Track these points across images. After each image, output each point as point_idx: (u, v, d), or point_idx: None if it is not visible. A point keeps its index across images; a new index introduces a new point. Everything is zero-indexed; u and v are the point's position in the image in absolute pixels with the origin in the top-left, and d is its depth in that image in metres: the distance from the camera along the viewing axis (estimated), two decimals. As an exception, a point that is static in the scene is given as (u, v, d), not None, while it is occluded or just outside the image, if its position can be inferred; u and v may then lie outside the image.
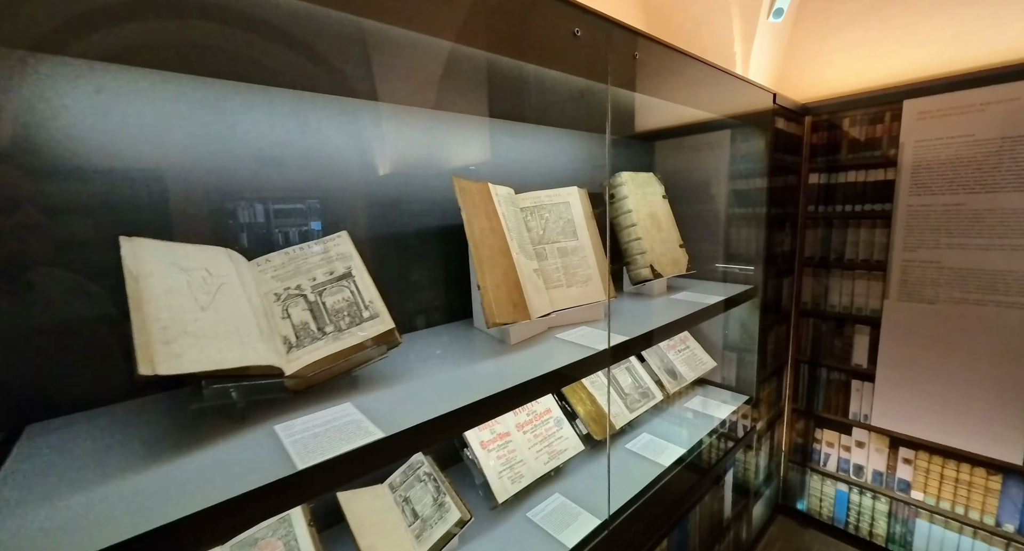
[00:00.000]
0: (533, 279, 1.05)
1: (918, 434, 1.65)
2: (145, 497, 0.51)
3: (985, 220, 1.44)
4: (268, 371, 0.66)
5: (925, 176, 1.54)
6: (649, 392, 1.50)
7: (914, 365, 1.62)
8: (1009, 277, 1.44)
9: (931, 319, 1.57)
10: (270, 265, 0.81)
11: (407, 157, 1.07)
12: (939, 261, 1.55)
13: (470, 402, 0.74)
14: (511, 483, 1.06)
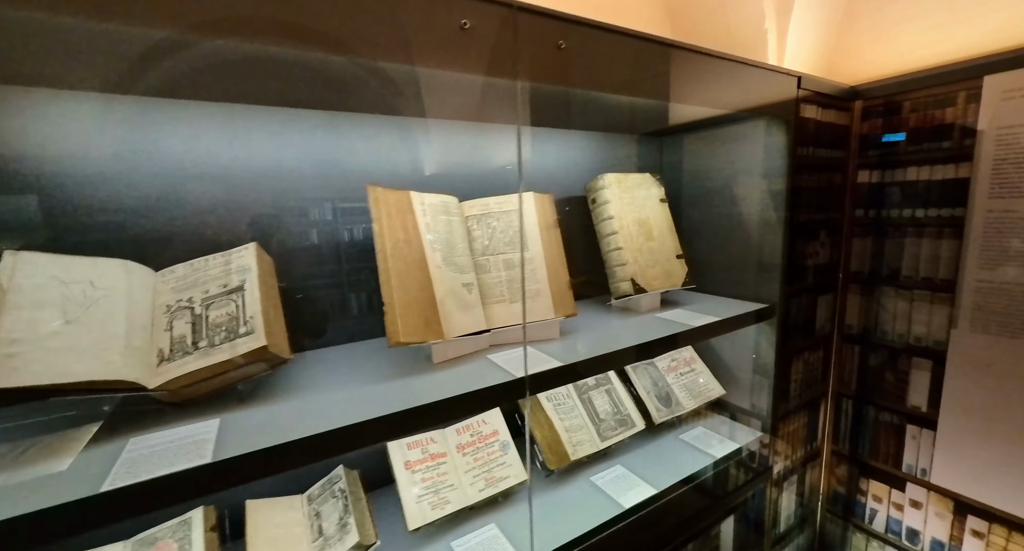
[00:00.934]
0: (460, 295, 0.98)
1: (994, 502, 1.30)
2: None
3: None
4: (120, 385, 0.67)
5: (1012, 173, 1.19)
6: (629, 420, 1.35)
7: (990, 413, 1.28)
8: None
9: (1014, 356, 1.21)
10: (173, 276, 0.83)
11: (342, 165, 1.06)
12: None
13: (330, 429, 0.70)
14: (431, 509, 1.00)
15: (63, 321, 0.67)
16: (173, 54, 0.68)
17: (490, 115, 1.17)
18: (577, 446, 1.22)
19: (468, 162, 1.24)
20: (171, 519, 0.86)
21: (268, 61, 0.73)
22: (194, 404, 0.78)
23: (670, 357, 1.57)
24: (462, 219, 1.08)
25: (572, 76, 0.86)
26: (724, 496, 1.34)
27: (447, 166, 1.20)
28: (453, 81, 0.85)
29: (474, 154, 1.25)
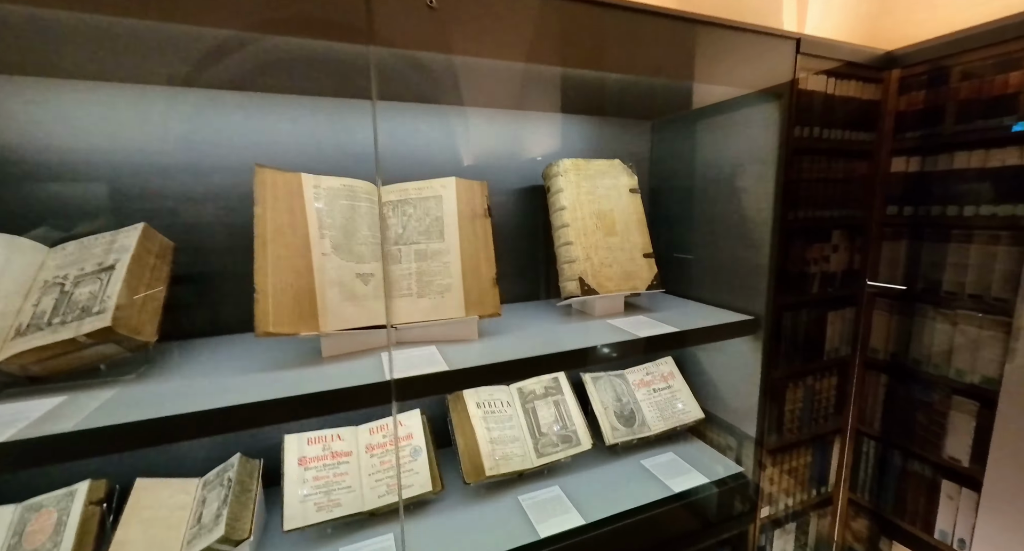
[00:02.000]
0: (351, 285, 0.91)
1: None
2: None
3: None
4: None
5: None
6: (574, 437, 1.20)
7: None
8: None
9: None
10: (63, 253, 0.85)
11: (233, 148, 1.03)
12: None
13: (161, 416, 0.67)
14: (316, 511, 0.95)
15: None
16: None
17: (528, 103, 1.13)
18: (502, 460, 1.10)
19: (497, 153, 1.18)
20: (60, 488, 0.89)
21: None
22: (51, 380, 0.78)
23: (644, 370, 1.39)
24: (372, 205, 1.00)
25: (476, 42, 0.75)
26: (680, 538, 1.14)
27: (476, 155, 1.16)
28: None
29: (509, 144, 1.20)
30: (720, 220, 1.26)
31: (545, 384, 1.28)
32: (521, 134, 1.32)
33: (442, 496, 1.10)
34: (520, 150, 1.32)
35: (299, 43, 0.75)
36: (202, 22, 0.65)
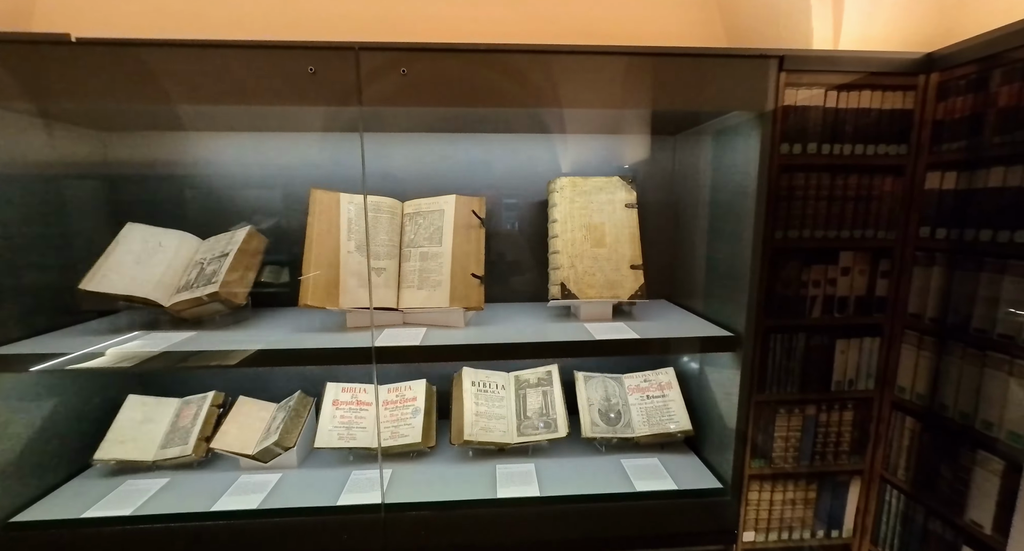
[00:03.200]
0: (362, 273, 1.23)
1: None
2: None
3: None
4: (146, 301, 1.18)
5: None
6: (553, 425, 1.35)
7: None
8: None
9: None
10: (207, 243, 1.34)
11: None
12: None
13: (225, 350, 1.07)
14: (337, 439, 1.30)
15: (135, 262, 1.22)
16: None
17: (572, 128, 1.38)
18: (482, 431, 1.32)
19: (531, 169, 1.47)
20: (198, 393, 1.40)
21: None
22: (190, 323, 1.26)
23: (643, 377, 1.45)
24: (393, 215, 1.31)
25: (437, 97, 0.99)
26: (644, 538, 1.20)
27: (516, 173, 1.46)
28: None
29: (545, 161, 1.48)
30: (719, 235, 1.27)
31: (539, 375, 1.44)
32: (557, 152, 1.50)
33: (434, 452, 1.36)
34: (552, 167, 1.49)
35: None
36: (271, 102, 1.00)
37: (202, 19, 1.37)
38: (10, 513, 1.11)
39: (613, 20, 1.50)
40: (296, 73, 0.96)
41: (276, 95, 0.98)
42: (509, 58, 0.99)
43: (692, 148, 1.43)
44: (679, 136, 1.50)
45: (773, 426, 1.18)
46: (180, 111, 1.18)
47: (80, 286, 1.15)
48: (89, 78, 0.95)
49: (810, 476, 1.22)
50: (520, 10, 1.46)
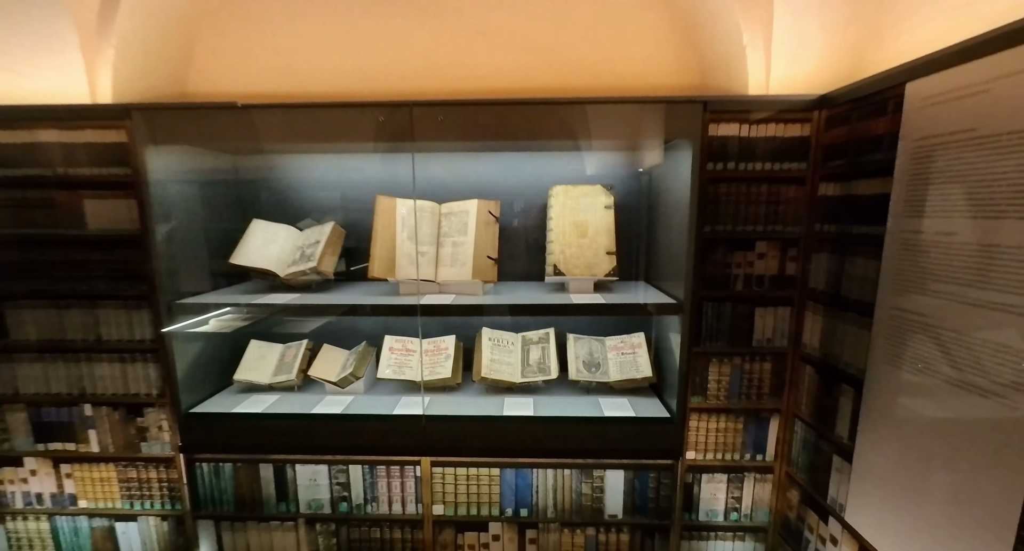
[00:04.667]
0: (412, 257, 1.74)
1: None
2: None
3: (988, 261, 0.95)
4: (268, 272, 1.75)
5: (920, 190, 1.09)
6: (547, 370, 1.81)
7: (896, 457, 1.18)
8: (980, 349, 0.91)
9: (926, 398, 1.10)
10: (303, 233, 1.90)
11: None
12: (926, 316, 1.07)
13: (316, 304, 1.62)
14: (392, 372, 1.82)
15: (261, 246, 1.79)
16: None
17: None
18: (495, 372, 1.80)
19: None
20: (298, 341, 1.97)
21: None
22: (296, 288, 1.82)
23: (620, 340, 1.88)
24: (433, 215, 1.81)
25: (463, 133, 1.48)
26: (603, 447, 1.64)
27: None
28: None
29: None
30: (671, 229, 1.68)
31: (539, 336, 1.91)
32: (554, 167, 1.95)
33: (460, 387, 1.86)
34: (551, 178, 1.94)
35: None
36: (356, 140, 1.52)
37: (303, 75, 1.92)
38: (189, 407, 1.71)
39: (610, 62, 1.92)
40: (371, 121, 1.48)
41: (359, 134, 1.50)
42: (511, 107, 1.46)
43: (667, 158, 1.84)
44: (647, 155, 1.90)
45: (707, 371, 1.59)
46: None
47: (230, 260, 1.73)
48: (244, 126, 1.51)
49: (738, 411, 1.62)
50: (537, 57, 1.90)
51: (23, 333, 1.64)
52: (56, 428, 1.70)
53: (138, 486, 1.73)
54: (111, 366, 1.65)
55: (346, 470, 1.69)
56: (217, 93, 1.97)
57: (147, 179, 1.52)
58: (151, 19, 1.72)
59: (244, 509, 1.73)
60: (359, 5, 1.87)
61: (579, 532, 1.71)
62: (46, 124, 1.51)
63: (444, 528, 1.72)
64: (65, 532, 1.78)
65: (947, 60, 1.01)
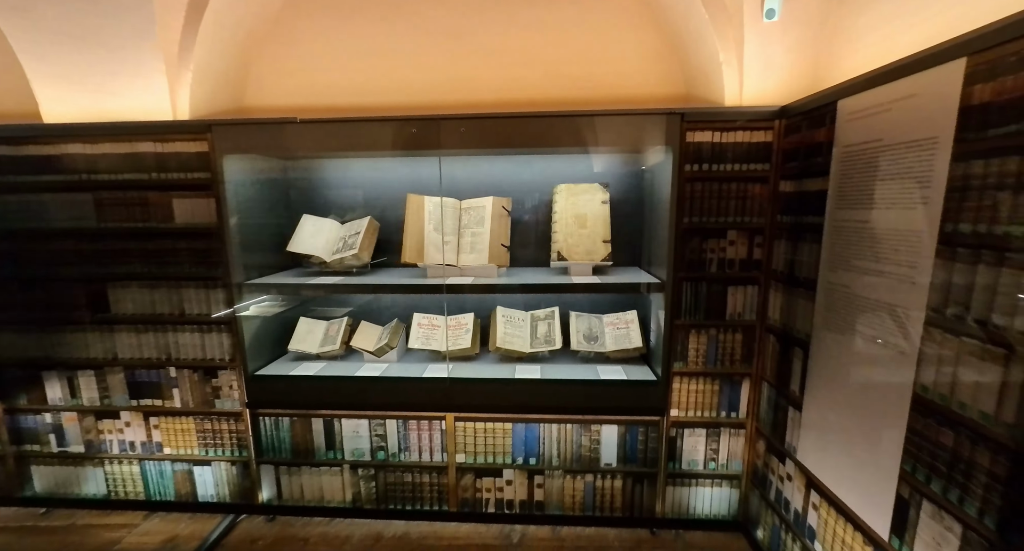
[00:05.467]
0: (438, 245, 2.06)
1: (825, 481, 1.48)
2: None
3: (880, 241, 1.22)
4: (317, 259, 2.09)
5: (847, 187, 1.36)
6: (552, 341, 2.12)
7: (833, 402, 1.46)
8: (884, 311, 1.19)
9: (849, 354, 1.36)
10: (345, 225, 2.23)
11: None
12: (848, 286, 1.35)
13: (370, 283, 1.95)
14: (421, 344, 2.15)
15: (310, 236, 2.13)
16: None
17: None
18: (508, 343, 2.11)
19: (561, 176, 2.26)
20: (340, 317, 2.31)
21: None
22: (339, 273, 2.15)
23: (615, 316, 2.18)
24: (456, 209, 2.13)
25: (482, 141, 1.79)
26: (599, 405, 1.94)
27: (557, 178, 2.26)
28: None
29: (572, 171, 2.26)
30: (658, 221, 1.96)
31: (546, 313, 2.21)
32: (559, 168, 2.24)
33: (478, 356, 2.18)
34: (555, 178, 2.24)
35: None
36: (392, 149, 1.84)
37: (341, 89, 2.25)
38: (253, 370, 2.06)
39: (606, 76, 2.20)
40: (405, 132, 1.79)
41: (393, 144, 1.82)
42: (521, 120, 1.76)
43: (647, 165, 2.12)
44: (638, 156, 2.18)
45: (687, 341, 1.88)
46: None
47: (288, 248, 2.07)
48: (297, 136, 1.84)
49: (714, 375, 1.90)
50: (542, 73, 2.19)
51: (122, 308, 2.00)
52: (146, 387, 2.06)
53: (212, 436, 2.09)
54: (192, 335, 2.00)
55: (383, 424, 2.02)
56: (269, 106, 2.31)
57: (223, 181, 1.86)
58: (218, 47, 2.06)
59: (298, 456, 2.07)
60: (387, 30, 2.19)
61: (579, 478, 2.01)
62: (144, 137, 1.86)
63: (465, 474, 2.04)
64: (152, 474, 2.15)
65: (864, 84, 1.28)
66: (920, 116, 1.09)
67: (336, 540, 2.04)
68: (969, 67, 0.98)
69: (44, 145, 1.89)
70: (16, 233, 1.95)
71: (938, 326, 1.05)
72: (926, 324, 1.08)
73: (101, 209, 1.91)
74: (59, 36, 1.86)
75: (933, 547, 1.06)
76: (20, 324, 2.03)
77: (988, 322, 0.94)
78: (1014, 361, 0.89)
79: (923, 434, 1.09)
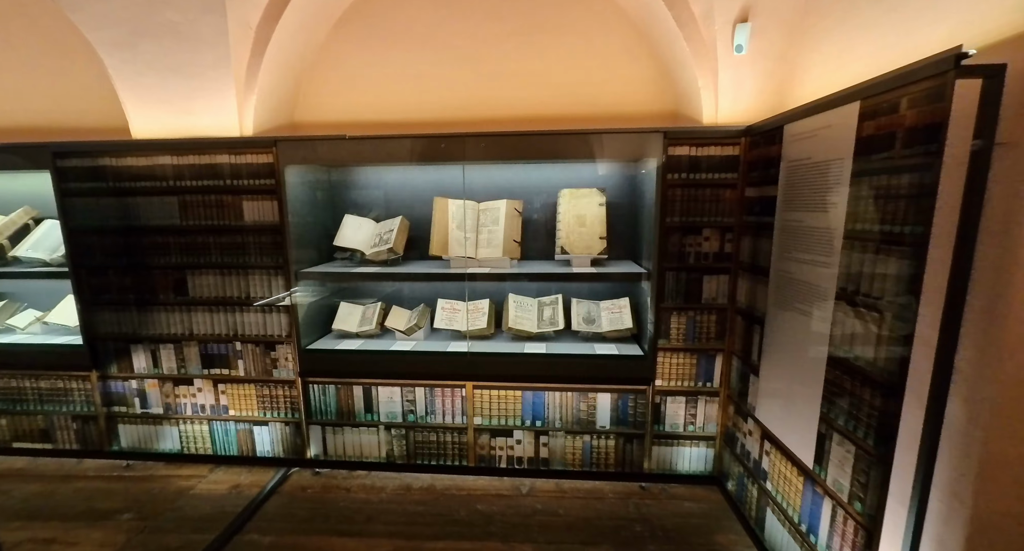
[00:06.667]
0: (460, 240, 2.44)
1: (773, 430, 1.83)
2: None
3: (810, 237, 1.57)
4: (357, 251, 2.48)
5: (789, 194, 1.71)
6: (556, 322, 2.49)
7: (778, 365, 1.81)
8: (811, 291, 1.54)
9: (792, 329, 1.71)
10: (380, 224, 2.63)
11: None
12: (790, 272, 1.70)
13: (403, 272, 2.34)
14: (444, 325, 2.53)
15: (352, 233, 2.52)
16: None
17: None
18: (518, 324, 2.49)
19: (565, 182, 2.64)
20: (373, 302, 2.70)
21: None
22: (376, 264, 2.55)
23: (611, 303, 2.55)
24: (475, 210, 2.50)
25: (502, 154, 2.16)
26: (603, 378, 2.31)
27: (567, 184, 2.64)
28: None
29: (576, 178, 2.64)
30: (646, 221, 2.32)
31: (551, 300, 2.58)
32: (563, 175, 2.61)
33: (493, 336, 2.56)
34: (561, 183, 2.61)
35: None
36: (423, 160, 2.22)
37: (378, 106, 2.64)
38: (305, 345, 2.46)
39: (607, 96, 2.56)
40: (436, 146, 2.18)
41: (424, 157, 2.21)
42: (530, 137, 2.14)
43: (638, 173, 2.48)
44: (631, 165, 2.55)
45: (670, 321, 2.24)
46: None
47: (334, 242, 2.47)
48: (344, 149, 2.23)
49: (693, 351, 2.26)
50: (552, 93, 2.55)
51: (198, 292, 2.41)
52: (216, 358, 2.47)
53: (269, 401, 2.49)
54: (255, 315, 2.40)
55: (413, 391, 2.40)
56: (317, 122, 2.71)
57: (285, 186, 2.26)
58: (277, 72, 2.47)
59: (341, 418, 2.47)
60: (419, 56, 2.58)
61: (578, 438, 2.38)
62: (222, 151, 2.26)
63: (482, 434, 2.42)
64: (219, 432, 2.56)
65: (800, 114, 1.63)
66: (833, 142, 1.45)
67: (373, 489, 2.43)
68: (862, 108, 1.33)
69: (140, 157, 2.30)
70: (115, 229, 2.37)
71: (842, 299, 1.40)
72: (836, 298, 1.43)
73: (185, 209, 2.32)
74: (153, 68, 2.28)
75: (838, 466, 1.42)
76: (117, 305, 2.44)
77: (870, 294, 1.29)
78: (884, 322, 1.24)
79: (834, 382, 1.44)
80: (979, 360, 1.19)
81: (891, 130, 1.23)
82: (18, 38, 2.67)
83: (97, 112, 2.66)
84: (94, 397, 2.56)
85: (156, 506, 2.30)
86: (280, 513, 2.25)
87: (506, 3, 2.49)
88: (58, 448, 2.64)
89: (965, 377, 1.23)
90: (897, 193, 1.20)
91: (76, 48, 2.58)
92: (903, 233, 1.18)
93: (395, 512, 2.24)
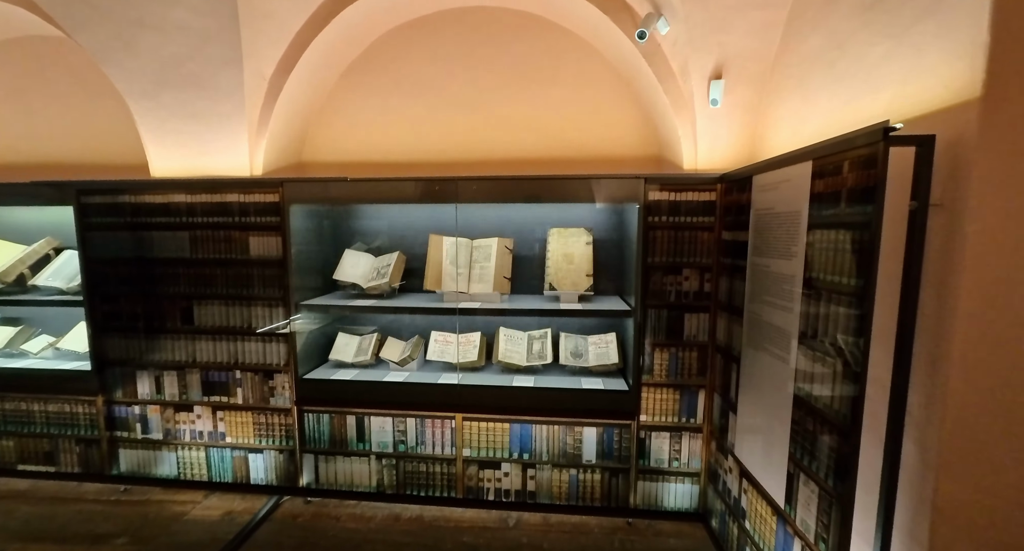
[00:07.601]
0: (452, 276, 2.56)
1: (750, 467, 1.87)
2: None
3: (775, 282, 1.67)
4: (356, 285, 2.61)
5: (757, 240, 1.82)
6: (544, 356, 2.57)
7: (754, 404, 1.87)
8: (777, 333, 1.62)
9: (763, 370, 1.79)
10: (377, 258, 2.76)
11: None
12: (760, 314, 1.79)
13: (392, 305, 2.45)
14: (436, 357, 2.62)
15: (351, 267, 2.65)
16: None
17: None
18: (508, 357, 2.57)
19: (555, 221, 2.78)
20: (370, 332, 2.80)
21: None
22: (372, 296, 2.66)
23: (598, 337, 2.63)
24: (467, 247, 2.63)
25: (506, 195, 2.30)
26: (582, 409, 2.37)
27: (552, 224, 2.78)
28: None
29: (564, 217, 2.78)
30: (629, 260, 2.43)
31: (540, 333, 2.67)
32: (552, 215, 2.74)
33: (483, 368, 2.64)
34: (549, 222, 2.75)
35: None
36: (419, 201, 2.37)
37: (378, 147, 2.82)
38: (302, 374, 2.55)
39: (594, 141, 2.73)
40: (431, 188, 2.32)
41: (420, 197, 2.35)
42: (520, 181, 2.28)
43: (622, 215, 2.61)
44: (615, 208, 2.67)
45: (654, 357, 2.31)
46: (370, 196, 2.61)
47: (334, 276, 2.60)
48: (347, 190, 2.38)
49: (676, 386, 2.32)
50: (542, 137, 2.73)
51: (203, 321, 2.53)
52: (217, 385, 2.57)
53: (266, 428, 2.57)
54: (256, 344, 2.51)
55: (404, 421, 2.47)
56: (322, 161, 2.89)
57: (288, 223, 2.41)
58: (287, 117, 2.66)
59: (335, 446, 2.53)
60: (417, 102, 2.77)
61: (564, 471, 2.42)
62: (232, 190, 2.43)
63: (470, 465, 2.47)
64: (215, 459, 2.63)
65: (765, 167, 1.75)
66: (792, 195, 1.56)
67: (362, 519, 2.46)
68: (814, 167, 1.45)
69: (157, 195, 2.47)
70: (129, 260, 2.52)
71: (803, 343, 1.48)
72: (798, 342, 1.51)
73: (195, 243, 2.47)
74: (175, 114, 2.48)
75: (804, 506, 1.46)
76: (126, 331, 2.57)
77: (826, 340, 1.37)
78: (837, 367, 1.32)
79: (799, 423, 1.51)
80: (927, 404, 1.26)
81: (837, 189, 1.34)
82: (55, 83, 2.91)
83: (120, 151, 2.87)
84: (98, 421, 2.65)
85: (151, 531, 2.36)
86: (270, 541, 2.29)
87: (501, 55, 2.69)
88: (60, 471, 2.71)
89: (915, 420, 1.29)
90: (844, 246, 1.30)
91: (105, 94, 2.82)
92: (851, 284, 1.27)
93: (383, 542, 2.27)
